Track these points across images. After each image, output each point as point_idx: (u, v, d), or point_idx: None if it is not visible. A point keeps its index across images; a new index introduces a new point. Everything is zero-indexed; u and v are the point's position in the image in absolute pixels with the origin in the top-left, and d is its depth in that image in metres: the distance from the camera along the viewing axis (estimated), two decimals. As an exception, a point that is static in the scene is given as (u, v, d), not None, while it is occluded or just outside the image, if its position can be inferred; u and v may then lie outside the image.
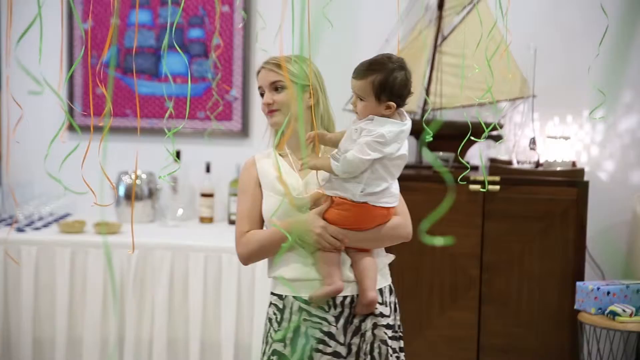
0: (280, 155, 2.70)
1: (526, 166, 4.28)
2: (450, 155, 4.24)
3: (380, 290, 2.64)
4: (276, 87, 2.64)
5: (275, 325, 2.61)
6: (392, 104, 2.48)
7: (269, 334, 2.62)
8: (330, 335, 2.57)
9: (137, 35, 4.82)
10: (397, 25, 4.41)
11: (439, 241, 1.77)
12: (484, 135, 2.23)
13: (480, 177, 4.09)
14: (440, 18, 4.39)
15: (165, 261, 4.07)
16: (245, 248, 2.62)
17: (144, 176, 4.65)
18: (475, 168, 4.38)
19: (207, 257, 4.08)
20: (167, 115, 2.29)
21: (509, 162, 4.38)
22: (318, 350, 2.57)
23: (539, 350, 4.12)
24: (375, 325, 2.60)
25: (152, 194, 4.67)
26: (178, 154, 4.61)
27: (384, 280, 2.68)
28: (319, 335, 2.58)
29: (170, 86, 4.63)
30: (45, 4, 1.51)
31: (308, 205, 2.58)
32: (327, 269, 2.55)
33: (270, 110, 2.65)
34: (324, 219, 2.55)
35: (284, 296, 2.61)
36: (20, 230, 4.28)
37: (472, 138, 2.26)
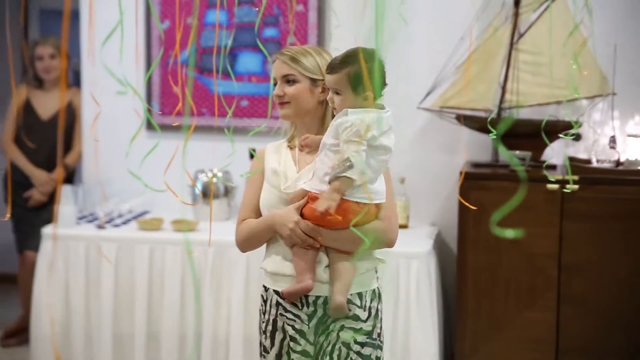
0: (289, 147, 2.70)
1: (606, 165, 4.20)
2: (527, 154, 4.18)
3: (360, 295, 2.58)
4: (287, 79, 2.62)
5: (261, 316, 2.65)
6: (370, 94, 2.44)
7: (259, 326, 2.67)
8: (302, 333, 2.57)
9: (217, 35, 4.87)
10: (472, 23, 4.36)
11: (509, 233, 1.74)
12: (566, 133, 2.18)
13: (557, 176, 4.03)
14: (516, 15, 4.33)
15: (240, 258, 4.11)
16: (238, 235, 2.67)
17: (220, 174, 4.70)
18: (552, 167, 4.31)
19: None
20: (230, 113, 2.32)
21: (588, 161, 4.30)
22: (290, 348, 2.58)
23: (629, 350, 4.03)
24: (342, 327, 2.55)
25: (227, 192, 4.72)
26: (252, 153, 4.64)
27: (364, 285, 2.59)
28: (291, 332, 2.58)
29: (245, 85, 4.66)
30: (124, 5, 1.54)
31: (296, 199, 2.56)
32: (300, 265, 2.53)
33: (281, 102, 2.63)
34: (302, 214, 2.53)
35: (267, 288, 2.63)
36: (100, 227, 4.37)
37: (547, 136, 2.21)
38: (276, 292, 2.59)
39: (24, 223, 5.19)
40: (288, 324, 2.58)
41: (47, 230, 4.36)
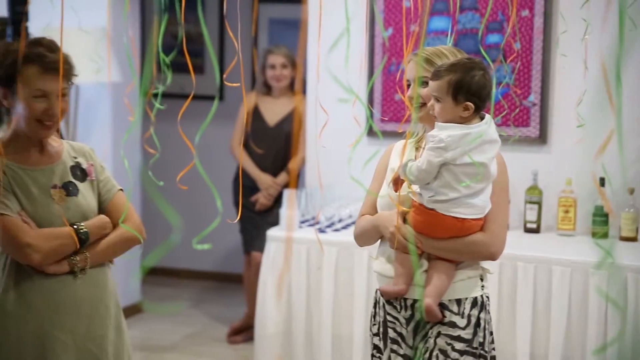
0: (416, 148, 2.67)
1: None
2: None
3: (458, 301, 2.52)
4: (422, 81, 2.57)
5: (371, 319, 2.68)
6: (470, 104, 2.38)
7: (370, 327, 2.70)
8: (402, 336, 2.56)
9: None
10: None
11: None
12: None
13: None
14: None
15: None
16: (354, 230, 2.72)
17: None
18: None
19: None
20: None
21: None
22: (393, 351, 2.57)
23: None
24: (439, 334, 2.50)
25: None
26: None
27: (464, 292, 2.54)
28: (393, 335, 2.57)
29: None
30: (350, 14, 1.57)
31: (409, 201, 2.53)
32: (399, 269, 2.53)
33: (420, 104, 2.57)
34: (405, 220, 2.50)
35: (376, 290, 2.66)
36: (321, 231, 4.47)
37: None
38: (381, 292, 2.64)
39: (250, 225, 5.41)
40: (389, 327, 2.60)
41: (272, 232, 4.51)
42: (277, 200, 5.28)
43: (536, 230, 4.47)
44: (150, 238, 2.72)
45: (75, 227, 2.55)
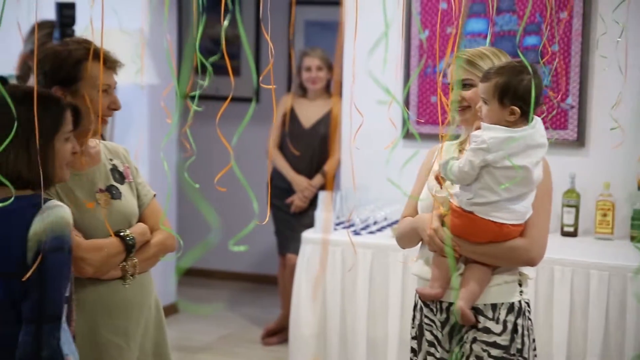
0: (459, 150, 2.63)
1: None
2: None
3: (494, 306, 2.49)
4: (464, 83, 2.54)
5: (412, 321, 2.68)
6: (516, 108, 2.35)
7: (410, 330, 2.70)
8: (437, 339, 2.54)
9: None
10: None
11: None
12: None
13: None
14: None
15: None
16: (396, 232, 2.73)
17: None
18: None
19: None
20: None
21: None
22: (429, 354, 2.56)
23: None
24: (475, 339, 2.47)
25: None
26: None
27: (500, 297, 2.50)
28: (430, 337, 2.56)
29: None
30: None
31: (448, 204, 2.50)
32: (436, 272, 2.51)
33: (461, 107, 2.55)
34: (443, 222, 2.47)
35: (416, 290, 2.65)
36: (356, 233, 4.47)
37: None
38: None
39: (285, 227, 5.42)
40: (426, 329, 2.59)
41: (306, 234, 4.51)
42: (312, 203, 5.28)
43: (573, 234, 4.43)
44: (185, 239, 2.73)
45: (122, 234, 2.57)
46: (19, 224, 2.22)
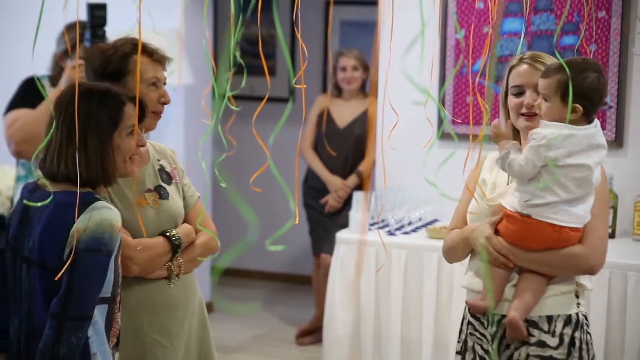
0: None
1: None
2: None
3: (549, 318, 2.36)
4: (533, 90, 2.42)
5: (458, 335, 2.59)
6: (579, 107, 2.25)
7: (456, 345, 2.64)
8: (488, 354, 2.42)
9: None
10: None
11: None
12: None
13: None
14: None
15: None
16: (443, 245, 2.62)
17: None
18: None
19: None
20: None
21: None
22: None
23: None
24: (528, 356, 2.35)
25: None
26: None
27: (556, 309, 2.38)
28: (480, 352, 2.46)
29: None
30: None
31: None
32: (488, 283, 2.41)
33: (532, 113, 2.42)
34: (497, 231, 2.38)
35: (465, 301, 2.54)
36: (391, 234, 4.45)
37: None
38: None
39: (319, 227, 5.42)
40: (477, 344, 2.49)
41: (340, 234, 4.50)
42: (347, 203, 5.28)
43: (611, 235, 4.38)
44: (219, 239, 2.75)
45: (168, 234, 2.59)
46: (67, 219, 2.21)
